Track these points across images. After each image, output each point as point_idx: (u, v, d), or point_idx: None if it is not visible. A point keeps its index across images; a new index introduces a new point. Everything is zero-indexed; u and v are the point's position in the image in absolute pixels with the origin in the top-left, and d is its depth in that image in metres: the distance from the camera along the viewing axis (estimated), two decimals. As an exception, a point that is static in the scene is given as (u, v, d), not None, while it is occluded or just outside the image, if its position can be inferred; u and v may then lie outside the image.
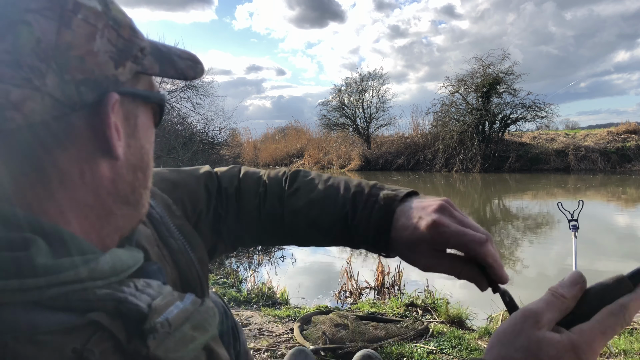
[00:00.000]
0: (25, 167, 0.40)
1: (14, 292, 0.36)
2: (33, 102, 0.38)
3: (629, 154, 16.40)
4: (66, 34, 0.39)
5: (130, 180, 0.48)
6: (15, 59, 0.37)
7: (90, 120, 0.42)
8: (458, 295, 3.93)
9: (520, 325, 0.50)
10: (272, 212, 0.80)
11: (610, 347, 2.38)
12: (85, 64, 0.41)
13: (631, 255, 5.67)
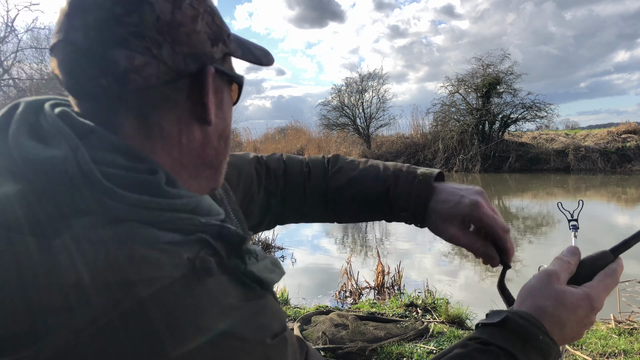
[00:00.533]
0: (137, 123, 0.48)
1: (141, 209, 0.43)
2: (151, 68, 0.47)
3: (629, 154, 16.41)
4: (178, 14, 0.48)
5: (215, 146, 0.55)
6: (140, 31, 0.46)
7: (191, 87, 0.50)
8: (458, 295, 3.93)
9: (546, 281, 0.63)
10: (316, 189, 0.88)
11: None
12: (191, 40, 0.49)
13: (631, 255, 5.67)
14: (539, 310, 0.62)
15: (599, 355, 2.33)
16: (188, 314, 0.40)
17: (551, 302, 0.62)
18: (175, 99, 0.50)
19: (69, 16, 0.48)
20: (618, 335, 2.61)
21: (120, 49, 0.46)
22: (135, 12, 0.46)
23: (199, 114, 0.52)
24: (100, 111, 0.48)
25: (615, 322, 2.81)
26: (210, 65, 0.51)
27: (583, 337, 2.51)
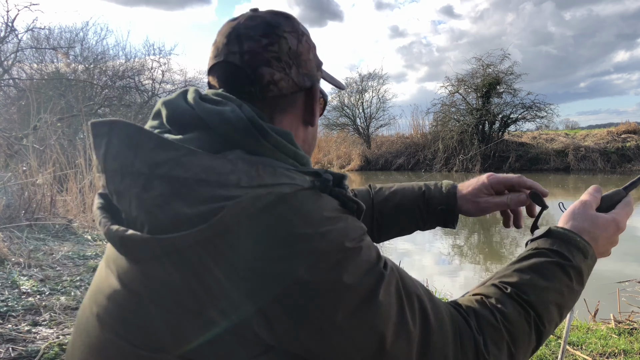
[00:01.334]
0: (268, 119, 0.72)
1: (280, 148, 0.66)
2: (284, 82, 0.72)
3: (629, 154, 16.41)
4: (300, 46, 0.75)
5: (310, 143, 0.82)
6: (279, 56, 0.72)
7: (305, 98, 0.77)
8: (458, 295, 3.93)
9: (582, 208, 0.82)
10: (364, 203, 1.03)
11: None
12: (307, 65, 0.76)
13: (631, 254, 5.67)
14: (577, 228, 0.79)
15: (599, 355, 2.33)
16: (311, 209, 0.61)
17: (587, 223, 0.80)
18: (295, 105, 0.76)
19: (228, 45, 0.73)
20: (618, 335, 2.61)
21: (266, 68, 0.71)
22: (276, 43, 0.72)
23: (307, 118, 0.79)
24: None
25: (615, 322, 2.81)
26: (317, 83, 0.79)
27: (583, 338, 2.51)
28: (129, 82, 10.69)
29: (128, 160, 0.62)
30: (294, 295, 0.58)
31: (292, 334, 0.59)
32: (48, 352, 2.05)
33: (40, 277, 3.16)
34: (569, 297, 0.74)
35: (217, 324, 0.58)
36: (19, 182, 4.81)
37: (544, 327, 0.71)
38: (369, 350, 0.60)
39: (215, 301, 0.58)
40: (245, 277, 0.57)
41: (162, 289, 0.60)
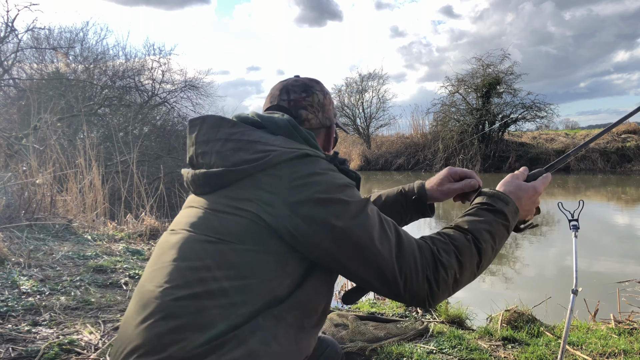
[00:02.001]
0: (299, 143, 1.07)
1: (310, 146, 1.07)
2: (314, 120, 1.21)
3: (629, 154, 16.41)
4: (324, 99, 1.24)
5: None
6: (311, 104, 1.20)
7: (326, 132, 1.26)
8: (458, 295, 3.93)
9: (511, 178, 1.21)
10: None
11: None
12: (328, 111, 1.24)
13: (631, 255, 5.66)
14: (504, 189, 1.18)
15: (599, 355, 2.33)
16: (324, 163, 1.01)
17: (512, 187, 1.18)
18: (319, 137, 1.24)
19: (280, 95, 1.21)
20: (618, 335, 2.61)
21: (303, 110, 1.20)
22: (310, 97, 1.20)
23: (325, 146, 1.27)
24: None
25: (615, 322, 2.81)
26: (334, 123, 1.28)
27: (583, 338, 2.51)
28: (129, 82, 10.68)
29: (213, 133, 1.05)
30: (313, 206, 0.93)
31: (310, 229, 0.93)
32: (48, 352, 2.05)
33: (40, 277, 3.16)
34: (497, 228, 1.08)
35: (265, 221, 0.93)
36: (19, 182, 4.81)
37: (481, 244, 1.04)
38: (366, 244, 0.94)
39: (265, 207, 0.93)
40: (282, 193, 0.94)
41: (231, 202, 0.96)
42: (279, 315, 0.90)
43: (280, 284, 0.92)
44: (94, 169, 5.64)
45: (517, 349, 2.44)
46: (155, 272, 0.98)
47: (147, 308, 0.92)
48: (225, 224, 0.95)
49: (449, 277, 0.99)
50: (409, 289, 0.96)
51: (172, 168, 8.57)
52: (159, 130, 10.42)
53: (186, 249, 0.96)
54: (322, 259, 0.96)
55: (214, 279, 0.90)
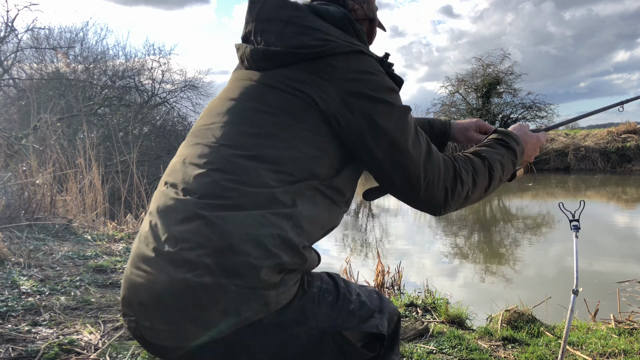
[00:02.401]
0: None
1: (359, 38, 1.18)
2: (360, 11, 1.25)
3: (629, 154, 16.40)
4: None
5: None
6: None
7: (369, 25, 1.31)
8: (458, 295, 3.93)
9: (520, 126, 1.40)
10: None
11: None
12: (371, 5, 1.28)
13: (631, 255, 5.66)
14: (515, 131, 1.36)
15: (599, 355, 2.32)
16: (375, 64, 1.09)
17: (521, 132, 1.37)
18: (364, 26, 1.25)
19: None
20: (618, 335, 2.61)
21: (349, 1, 1.21)
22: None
23: (369, 33, 1.29)
24: None
25: (615, 322, 2.81)
26: (376, 17, 1.30)
27: (583, 338, 2.50)
28: (129, 82, 10.69)
29: (275, 13, 1.10)
30: (363, 101, 1.04)
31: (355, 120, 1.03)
32: (48, 352, 2.05)
33: (40, 277, 3.16)
34: (507, 161, 1.26)
35: (317, 105, 1.02)
36: (19, 182, 4.81)
37: (494, 172, 1.20)
38: (400, 145, 1.05)
39: (319, 92, 1.02)
40: (336, 83, 1.03)
41: (287, 81, 1.04)
42: (317, 187, 1.02)
43: (321, 163, 1.02)
44: (93, 169, 5.64)
45: (517, 349, 2.43)
46: (212, 131, 1.07)
47: (203, 158, 1.02)
48: (280, 100, 1.03)
49: (463, 192, 1.14)
50: (428, 194, 1.09)
51: (172, 168, 8.56)
52: (159, 130, 10.43)
53: (243, 115, 1.06)
54: (359, 150, 1.06)
55: (267, 146, 1.00)
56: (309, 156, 1.01)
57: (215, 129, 1.06)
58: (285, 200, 0.97)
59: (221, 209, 0.93)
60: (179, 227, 0.93)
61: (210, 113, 1.13)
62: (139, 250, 0.97)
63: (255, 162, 0.98)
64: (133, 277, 0.96)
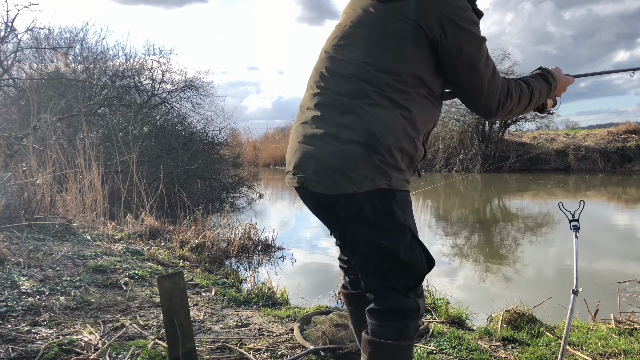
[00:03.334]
0: None
1: None
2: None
3: (629, 154, 16.40)
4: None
5: None
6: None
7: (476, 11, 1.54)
8: (458, 295, 3.92)
9: (557, 69, 1.79)
10: None
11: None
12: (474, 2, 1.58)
13: (631, 255, 5.66)
14: (554, 70, 1.74)
15: (599, 355, 2.32)
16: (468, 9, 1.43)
17: (558, 72, 1.75)
18: None
19: None
20: (618, 335, 2.61)
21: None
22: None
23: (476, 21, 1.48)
24: None
25: (615, 322, 2.81)
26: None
27: (583, 338, 2.50)
28: (128, 82, 10.68)
29: None
30: (455, 29, 1.39)
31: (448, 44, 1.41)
32: (48, 352, 2.05)
33: (40, 277, 3.16)
34: (544, 91, 1.68)
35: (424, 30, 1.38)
36: (19, 182, 4.81)
37: (534, 96, 1.64)
38: (475, 63, 1.45)
39: (425, 20, 1.38)
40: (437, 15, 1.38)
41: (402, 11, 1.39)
42: (423, 93, 1.46)
43: (425, 75, 1.44)
44: (93, 169, 5.63)
45: (517, 349, 2.43)
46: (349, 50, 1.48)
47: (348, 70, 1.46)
48: (397, 27, 1.41)
49: (510, 106, 1.57)
50: (486, 101, 1.51)
51: (172, 168, 8.57)
52: (158, 130, 10.41)
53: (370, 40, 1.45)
54: (447, 65, 1.45)
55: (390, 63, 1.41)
56: (418, 70, 1.42)
57: (352, 49, 1.47)
58: (405, 104, 1.41)
59: (368, 106, 1.38)
60: (339, 118, 1.40)
61: (341, 35, 1.53)
62: (306, 131, 1.46)
63: (385, 74, 1.40)
64: (304, 148, 1.44)
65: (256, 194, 12.08)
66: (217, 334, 2.51)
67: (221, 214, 7.22)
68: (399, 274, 1.43)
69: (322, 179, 1.38)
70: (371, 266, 1.45)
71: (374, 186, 1.35)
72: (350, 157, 1.35)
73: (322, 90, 1.48)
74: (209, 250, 4.94)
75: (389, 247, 1.40)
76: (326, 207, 1.46)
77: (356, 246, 1.44)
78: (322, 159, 1.38)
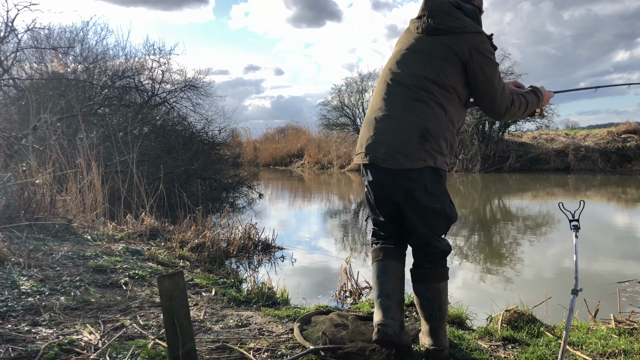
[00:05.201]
0: None
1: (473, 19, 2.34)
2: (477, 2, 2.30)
3: (629, 154, 16.40)
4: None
5: None
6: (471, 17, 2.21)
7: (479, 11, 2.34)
8: (458, 295, 3.92)
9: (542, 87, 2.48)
10: None
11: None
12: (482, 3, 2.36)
13: (631, 255, 5.66)
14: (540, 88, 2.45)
15: (599, 355, 2.32)
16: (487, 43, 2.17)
17: (542, 90, 2.45)
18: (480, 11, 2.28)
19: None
20: (618, 335, 2.61)
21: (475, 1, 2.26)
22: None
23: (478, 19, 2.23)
24: None
25: (615, 322, 2.81)
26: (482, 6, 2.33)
27: (583, 338, 2.50)
28: (128, 82, 10.67)
29: (439, 7, 2.12)
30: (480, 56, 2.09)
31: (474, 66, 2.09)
32: (48, 352, 2.05)
33: (40, 277, 3.16)
34: (534, 102, 2.35)
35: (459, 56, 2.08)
36: (19, 182, 4.81)
37: (528, 105, 2.31)
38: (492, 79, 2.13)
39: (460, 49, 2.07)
40: (468, 46, 2.07)
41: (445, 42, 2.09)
42: (457, 99, 2.13)
43: (458, 86, 2.12)
44: (93, 169, 5.63)
45: (517, 349, 2.43)
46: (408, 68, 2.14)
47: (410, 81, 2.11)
48: (440, 52, 2.09)
49: (513, 110, 2.25)
50: (498, 108, 2.20)
51: (171, 168, 8.56)
52: (158, 130, 10.41)
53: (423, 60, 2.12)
54: (472, 81, 2.13)
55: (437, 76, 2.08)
56: (454, 81, 2.09)
57: (410, 66, 2.13)
58: (447, 107, 2.08)
59: (424, 106, 2.05)
60: (402, 115, 2.07)
61: (400, 57, 2.19)
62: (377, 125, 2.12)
63: (433, 84, 2.06)
64: (376, 137, 2.10)
65: (256, 194, 12.08)
66: (217, 334, 2.51)
67: (221, 214, 7.22)
68: (443, 226, 2.17)
69: (390, 159, 2.04)
70: (425, 222, 2.12)
71: (425, 164, 2.02)
72: (410, 144, 2.02)
73: (388, 95, 2.14)
74: (209, 250, 4.94)
75: (439, 208, 2.09)
76: (389, 179, 2.07)
77: (418, 211, 2.09)
78: (391, 144, 2.05)
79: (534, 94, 2.35)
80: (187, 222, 5.67)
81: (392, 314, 2.09)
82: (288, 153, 24.33)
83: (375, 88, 2.26)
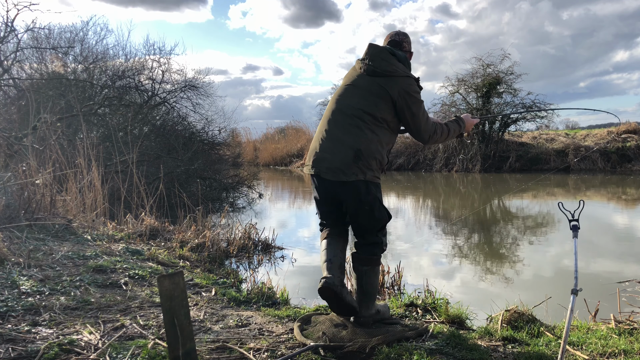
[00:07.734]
0: None
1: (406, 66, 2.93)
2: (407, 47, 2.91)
3: (629, 154, 16.40)
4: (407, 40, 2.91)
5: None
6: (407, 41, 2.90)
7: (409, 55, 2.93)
8: (458, 295, 3.92)
9: (467, 115, 3.10)
10: None
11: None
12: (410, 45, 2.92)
13: (631, 255, 5.66)
14: (464, 117, 3.04)
15: (599, 355, 2.32)
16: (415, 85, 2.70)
17: (465, 117, 3.05)
18: (410, 54, 2.90)
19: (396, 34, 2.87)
20: (618, 335, 2.61)
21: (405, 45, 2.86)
22: (407, 37, 2.89)
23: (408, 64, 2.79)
24: None
25: (615, 322, 2.81)
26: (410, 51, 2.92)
27: (583, 338, 2.50)
28: (129, 82, 10.67)
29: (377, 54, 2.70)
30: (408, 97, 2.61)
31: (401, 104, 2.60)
32: (48, 352, 2.05)
33: (40, 277, 3.16)
34: (455, 130, 2.93)
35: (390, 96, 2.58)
36: (19, 182, 4.81)
37: (450, 133, 2.89)
38: (418, 115, 2.64)
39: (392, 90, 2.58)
40: (398, 88, 2.58)
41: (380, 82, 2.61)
42: (386, 127, 2.60)
43: (388, 117, 2.59)
44: (93, 169, 5.63)
45: (517, 349, 2.43)
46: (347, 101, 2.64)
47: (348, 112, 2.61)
48: (376, 89, 2.58)
49: (435, 137, 2.77)
50: (422, 135, 2.72)
51: (171, 168, 8.56)
52: (158, 130, 10.40)
53: (361, 95, 2.60)
54: (400, 114, 2.61)
55: (371, 109, 2.57)
56: (385, 114, 2.56)
57: (350, 99, 2.63)
58: (378, 133, 2.55)
59: (359, 131, 2.53)
60: (342, 137, 2.55)
61: (343, 91, 2.71)
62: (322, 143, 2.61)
63: (367, 115, 2.55)
64: (320, 153, 2.60)
65: (256, 194, 12.08)
66: (217, 334, 2.51)
67: (221, 214, 7.22)
68: (375, 223, 2.63)
69: (331, 172, 2.53)
70: (359, 220, 2.63)
71: (357, 178, 2.51)
72: (346, 162, 2.51)
73: (332, 120, 2.64)
74: (209, 250, 4.94)
75: (368, 210, 2.57)
76: (330, 189, 2.59)
77: (352, 211, 2.62)
78: (332, 161, 2.54)
79: (456, 123, 2.93)
80: (187, 222, 5.67)
81: (333, 272, 2.57)
82: (288, 153, 24.32)
83: (324, 112, 2.76)
